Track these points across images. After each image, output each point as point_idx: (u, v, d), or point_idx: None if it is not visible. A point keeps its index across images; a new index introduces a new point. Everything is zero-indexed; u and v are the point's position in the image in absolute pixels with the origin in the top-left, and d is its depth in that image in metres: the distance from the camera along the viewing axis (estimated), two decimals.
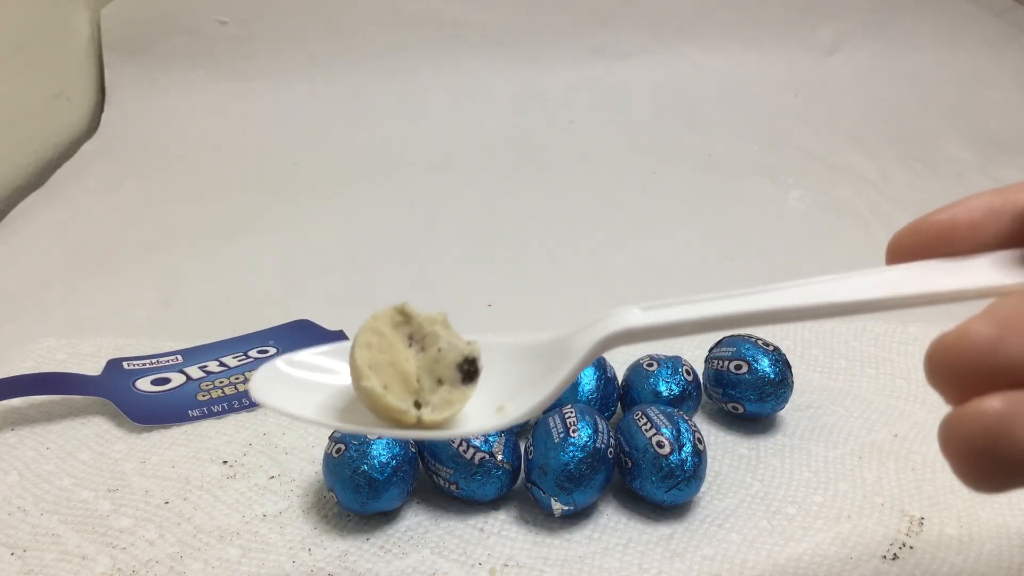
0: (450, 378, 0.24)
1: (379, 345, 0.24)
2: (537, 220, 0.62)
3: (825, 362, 0.43)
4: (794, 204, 0.64)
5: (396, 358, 0.24)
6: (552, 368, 0.24)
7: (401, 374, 0.24)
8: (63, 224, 0.61)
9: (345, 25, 0.81)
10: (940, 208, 0.23)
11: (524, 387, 0.24)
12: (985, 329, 0.18)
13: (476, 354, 0.24)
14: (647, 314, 0.22)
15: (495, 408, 0.24)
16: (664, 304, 0.22)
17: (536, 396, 0.24)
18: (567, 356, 0.24)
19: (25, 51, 0.68)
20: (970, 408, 0.18)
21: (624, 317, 0.22)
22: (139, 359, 0.43)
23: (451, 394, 0.24)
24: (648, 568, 0.31)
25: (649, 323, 0.22)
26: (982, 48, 0.83)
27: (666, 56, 0.83)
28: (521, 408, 0.24)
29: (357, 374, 0.24)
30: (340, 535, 0.33)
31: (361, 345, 0.24)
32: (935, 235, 0.23)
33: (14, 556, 0.32)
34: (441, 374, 0.24)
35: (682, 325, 0.22)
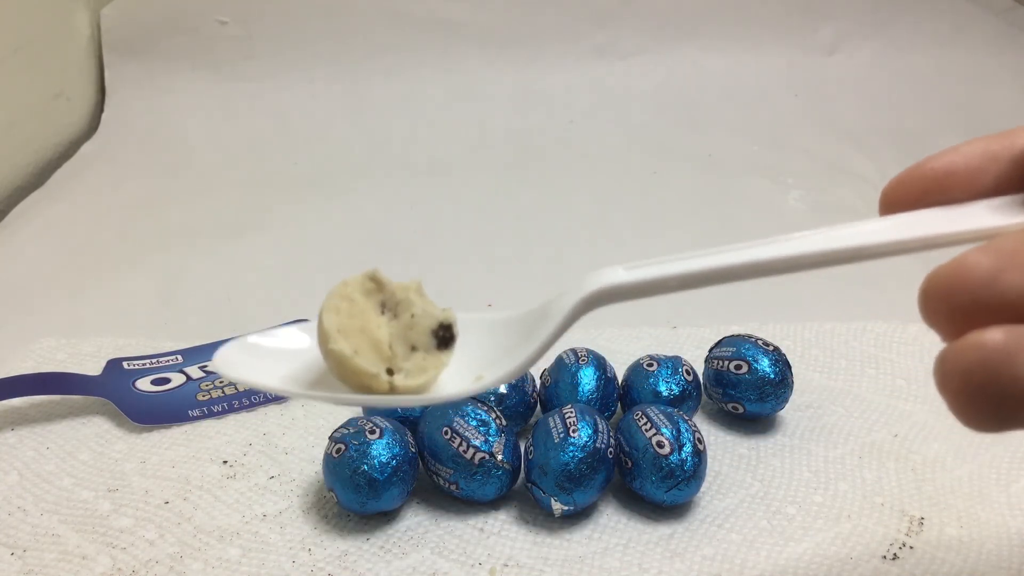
0: (424, 344, 0.23)
1: (349, 310, 0.23)
2: (537, 220, 0.62)
3: (825, 362, 0.43)
4: (794, 204, 0.64)
5: (367, 324, 0.23)
6: (532, 334, 0.23)
7: (372, 340, 0.23)
8: (63, 224, 0.61)
9: (345, 25, 0.81)
10: (934, 155, 0.22)
11: (502, 355, 0.23)
12: (985, 260, 0.17)
13: (452, 320, 0.24)
14: (630, 272, 0.21)
15: (473, 376, 0.23)
16: (648, 262, 0.22)
17: (516, 359, 0.23)
18: (548, 320, 0.23)
19: (25, 51, 0.68)
20: (969, 340, 0.17)
21: (606, 275, 0.22)
22: (139, 359, 0.43)
23: (426, 360, 0.23)
24: (648, 568, 0.31)
25: (632, 279, 0.21)
26: (982, 48, 0.83)
27: (666, 56, 0.83)
28: (500, 372, 0.23)
29: (325, 338, 0.23)
30: (340, 535, 0.33)
31: (329, 309, 0.23)
32: (930, 183, 0.21)
33: (14, 556, 0.32)
34: (415, 341, 0.23)
35: (667, 280, 0.21)
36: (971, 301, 0.17)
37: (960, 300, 0.17)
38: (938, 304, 0.18)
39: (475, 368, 0.24)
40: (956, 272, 0.17)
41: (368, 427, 0.33)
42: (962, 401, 0.17)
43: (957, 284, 0.17)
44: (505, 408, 0.37)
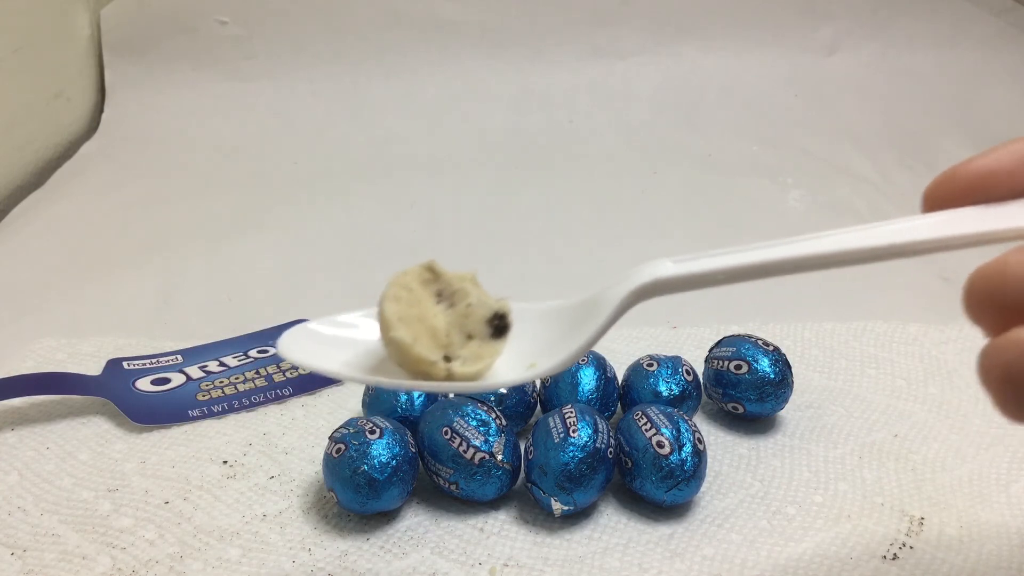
0: (480, 333, 0.24)
1: (407, 299, 0.24)
2: (537, 220, 0.62)
3: (825, 362, 0.43)
4: (794, 204, 0.64)
5: (425, 313, 0.24)
6: (583, 324, 0.24)
7: (430, 329, 0.24)
8: (63, 224, 0.61)
9: (345, 25, 0.81)
10: (975, 156, 0.22)
11: (555, 344, 0.24)
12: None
13: (506, 309, 0.24)
14: (679, 265, 0.22)
15: (526, 365, 0.24)
16: (696, 256, 0.22)
17: (568, 348, 0.23)
18: (598, 310, 0.23)
19: (25, 51, 0.68)
20: (1010, 336, 0.18)
21: (655, 268, 0.22)
22: (139, 359, 0.43)
23: (481, 348, 0.24)
24: (648, 568, 0.31)
25: (681, 273, 0.22)
26: (982, 48, 0.83)
27: (666, 56, 0.83)
28: (553, 360, 0.23)
29: (386, 326, 0.23)
30: (340, 535, 0.33)
31: (389, 298, 0.24)
32: (971, 182, 0.22)
33: (14, 556, 0.32)
34: (471, 329, 0.24)
35: (715, 274, 0.22)
36: (1012, 300, 0.18)
37: (1002, 298, 0.18)
38: (981, 301, 0.19)
39: (528, 356, 0.24)
40: (998, 271, 0.18)
41: (368, 427, 0.33)
42: (1005, 395, 0.18)
43: (999, 283, 0.18)
44: (505, 408, 0.37)
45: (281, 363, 0.43)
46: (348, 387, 0.42)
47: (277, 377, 0.42)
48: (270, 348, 0.45)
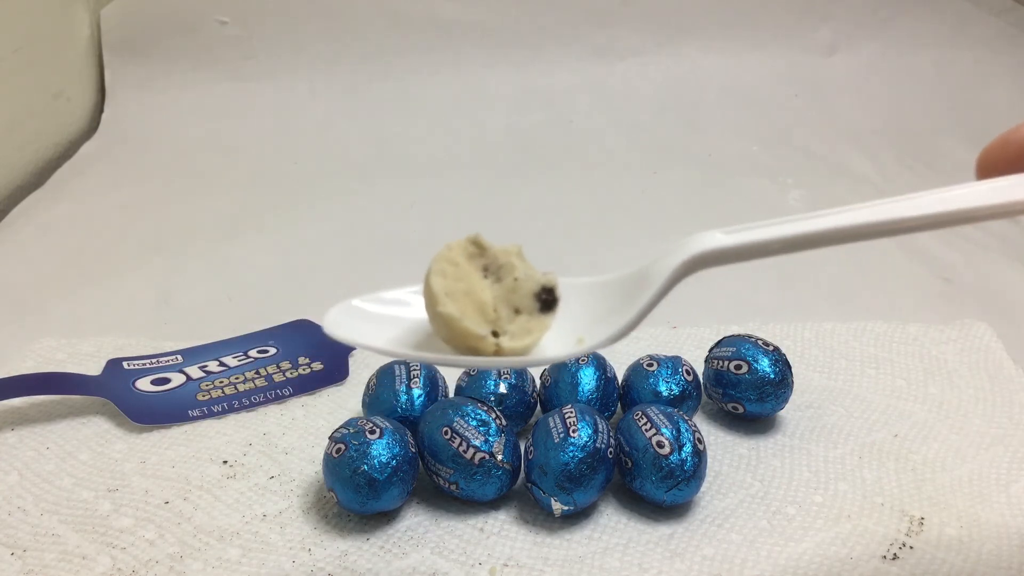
0: (528, 307, 0.24)
1: (454, 274, 0.23)
2: (537, 220, 0.62)
3: (825, 362, 0.43)
4: (794, 204, 0.64)
5: (472, 287, 0.23)
6: (632, 297, 0.23)
7: (477, 303, 0.23)
8: (63, 224, 0.61)
9: (345, 25, 0.81)
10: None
11: (603, 319, 0.24)
12: None
13: (554, 283, 0.24)
14: (731, 236, 0.22)
15: (575, 340, 0.24)
16: (746, 227, 0.22)
17: (618, 322, 0.23)
18: (647, 283, 0.23)
19: (25, 51, 0.68)
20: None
21: (707, 239, 0.22)
22: (139, 359, 0.43)
23: (530, 323, 0.23)
24: (648, 568, 0.31)
25: (734, 243, 0.21)
26: (982, 48, 0.83)
27: (666, 56, 0.83)
28: (603, 335, 0.23)
29: (433, 300, 0.23)
30: (340, 535, 0.33)
31: (436, 272, 0.23)
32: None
33: (14, 556, 0.32)
34: (518, 304, 0.24)
35: (768, 244, 0.21)
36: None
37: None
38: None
39: (576, 331, 0.24)
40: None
41: (368, 427, 0.33)
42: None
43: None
44: (505, 408, 0.37)
45: (281, 363, 0.43)
46: (348, 387, 0.42)
47: (277, 377, 0.42)
48: (270, 348, 0.45)
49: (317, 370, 0.43)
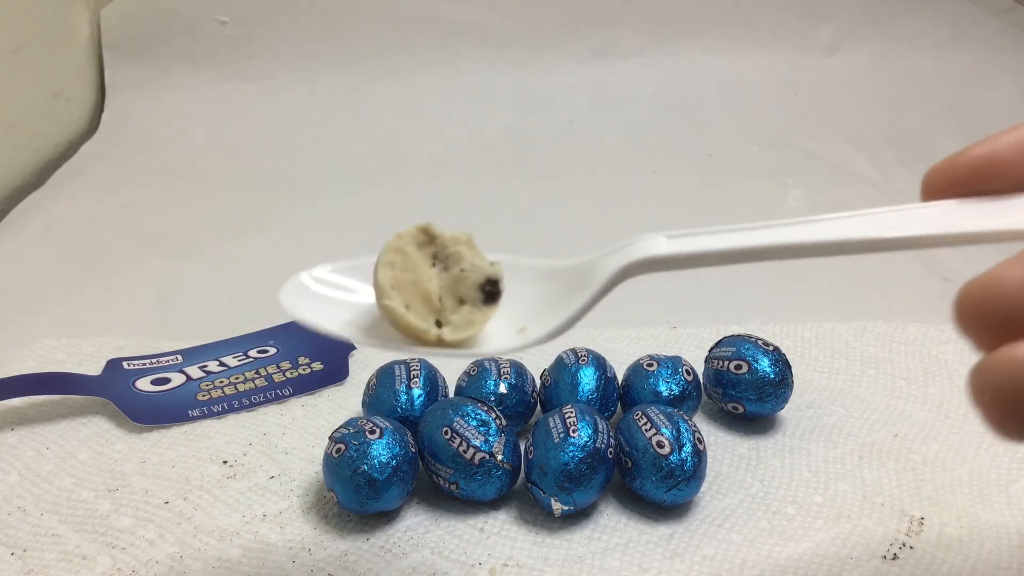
0: (472, 298, 0.24)
1: (402, 264, 0.24)
2: (537, 220, 0.62)
3: (825, 362, 0.43)
4: (794, 204, 0.64)
5: (419, 277, 0.24)
6: (574, 292, 0.24)
7: (423, 293, 0.24)
8: (63, 224, 0.61)
9: (345, 25, 0.81)
10: (978, 142, 0.22)
11: (546, 309, 0.24)
12: (1015, 273, 0.17)
13: (499, 275, 0.24)
14: (672, 242, 0.22)
15: (516, 329, 0.24)
16: (690, 233, 0.22)
17: (556, 318, 0.23)
18: (589, 280, 0.23)
19: (25, 51, 0.68)
20: (1002, 354, 0.17)
21: (648, 244, 0.22)
22: (139, 359, 0.43)
23: (472, 314, 0.24)
24: (648, 568, 0.31)
25: (674, 252, 0.22)
26: (982, 48, 0.83)
27: (666, 56, 0.83)
28: (542, 330, 0.24)
29: (380, 293, 0.24)
30: (340, 535, 0.33)
31: (384, 264, 0.24)
32: (972, 171, 0.21)
33: (14, 556, 0.32)
34: (463, 294, 0.24)
35: (708, 255, 0.21)
36: (1004, 315, 0.17)
37: (993, 314, 0.18)
38: (972, 317, 0.18)
39: (518, 318, 0.25)
40: (988, 286, 0.18)
41: (368, 427, 0.33)
42: (995, 414, 0.17)
43: (989, 298, 0.18)
44: (505, 408, 0.37)
45: (281, 363, 0.43)
46: (348, 387, 0.42)
47: (277, 377, 0.42)
48: (270, 348, 0.45)
49: (317, 370, 0.43)
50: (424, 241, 0.25)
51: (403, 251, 0.24)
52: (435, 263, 0.25)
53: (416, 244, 0.25)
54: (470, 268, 0.24)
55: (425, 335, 0.24)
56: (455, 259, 0.25)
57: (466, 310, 0.24)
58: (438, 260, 0.25)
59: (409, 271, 0.24)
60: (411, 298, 0.24)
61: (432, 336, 0.24)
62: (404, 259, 0.24)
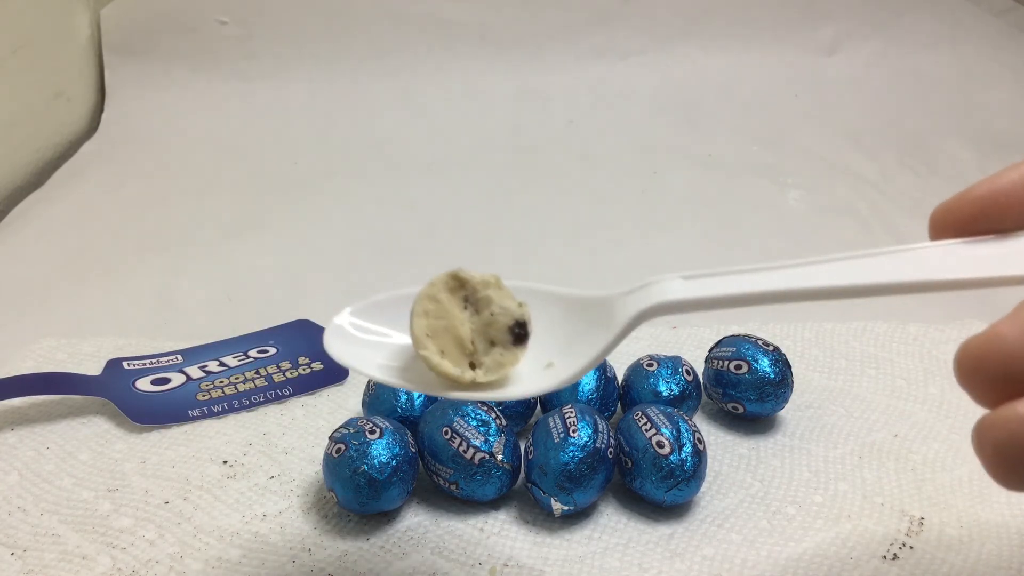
0: (502, 340, 0.26)
1: (435, 312, 0.26)
2: (537, 220, 0.62)
3: (825, 362, 0.43)
4: (794, 204, 0.64)
5: (452, 323, 0.26)
6: (594, 326, 0.25)
7: (456, 338, 0.26)
8: (63, 224, 0.61)
9: (345, 25, 0.81)
10: (983, 180, 0.22)
11: (570, 342, 0.26)
12: (1012, 332, 0.18)
13: (527, 318, 0.26)
14: (688, 285, 0.22)
15: (544, 364, 0.26)
16: (707, 274, 0.22)
17: (580, 358, 0.25)
18: (609, 320, 0.25)
19: (25, 51, 0.68)
20: (1001, 414, 0.18)
21: (665, 288, 0.23)
22: (139, 359, 0.43)
23: (503, 356, 0.26)
24: (648, 568, 0.31)
25: (690, 296, 0.22)
26: (982, 48, 0.83)
27: (666, 56, 0.83)
28: (568, 370, 0.25)
29: (416, 343, 0.25)
30: (340, 535, 0.33)
31: (418, 314, 0.26)
32: (978, 209, 0.22)
33: (14, 556, 0.32)
34: (494, 336, 0.26)
35: (724, 300, 0.22)
36: (1003, 372, 0.18)
37: (992, 372, 0.18)
38: (972, 375, 0.19)
39: (544, 351, 0.26)
40: (986, 345, 0.18)
41: (368, 427, 0.33)
42: (996, 468, 0.18)
43: (988, 356, 0.18)
44: (505, 408, 0.37)
45: (281, 363, 0.43)
46: (348, 387, 0.42)
47: (277, 377, 0.42)
48: (270, 348, 0.45)
49: (317, 370, 0.43)
50: (455, 287, 0.26)
51: (435, 299, 0.26)
52: (466, 306, 0.26)
53: (448, 290, 0.26)
54: (499, 311, 0.26)
55: (460, 379, 0.25)
56: (485, 302, 0.26)
57: (497, 352, 0.26)
58: (469, 303, 0.26)
59: (442, 318, 0.26)
60: (445, 343, 0.26)
61: (467, 380, 0.25)
62: (437, 307, 0.26)
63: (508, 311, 0.26)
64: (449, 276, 0.26)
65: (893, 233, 0.58)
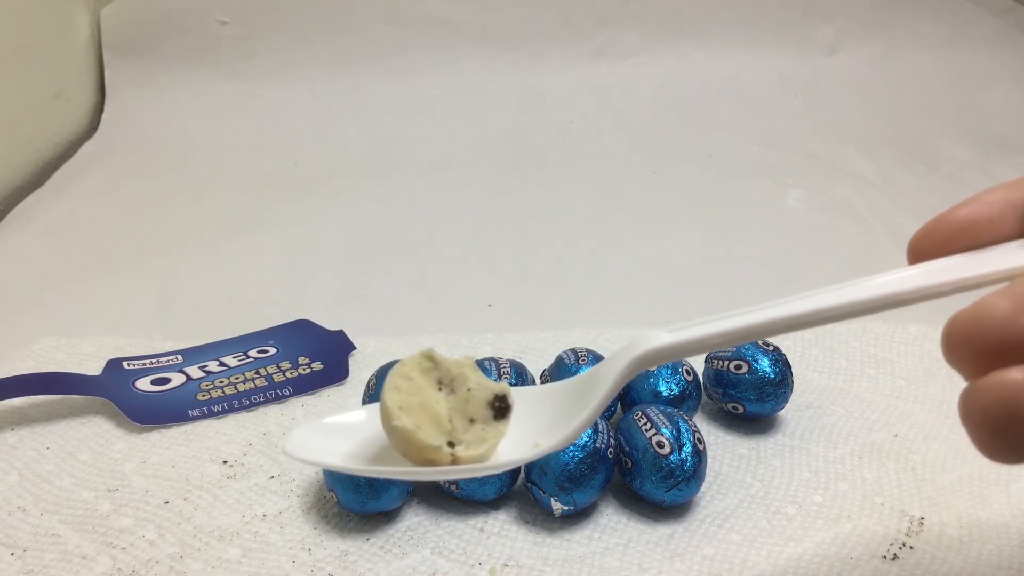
0: (482, 416, 0.24)
1: (408, 388, 0.24)
2: (537, 220, 0.62)
3: (825, 362, 0.43)
4: (794, 204, 0.64)
5: (426, 400, 0.24)
6: (584, 397, 0.24)
7: (432, 416, 0.24)
8: (63, 224, 0.61)
9: (345, 25, 0.81)
10: (956, 205, 0.23)
11: (557, 422, 0.24)
12: (1002, 303, 0.18)
13: (506, 391, 0.24)
14: (674, 334, 0.22)
15: (530, 445, 0.24)
16: (689, 324, 0.22)
17: (570, 425, 0.24)
18: (598, 384, 0.23)
19: (25, 51, 0.68)
20: (990, 380, 0.18)
21: (651, 338, 0.23)
22: (139, 359, 0.43)
23: (484, 431, 0.24)
24: (648, 568, 0.31)
25: (676, 340, 0.22)
26: (982, 48, 0.83)
27: (666, 56, 0.83)
28: (556, 438, 0.24)
29: (388, 415, 0.24)
30: (340, 535, 0.33)
31: (390, 388, 0.24)
32: (954, 232, 0.22)
33: (14, 556, 0.32)
34: (473, 413, 0.24)
35: (709, 339, 0.22)
36: (991, 343, 0.18)
37: (980, 342, 0.18)
38: (960, 346, 0.19)
39: (531, 436, 0.25)
40: (976, 316, 0.18)
41: None
42: (983, 437, 0.18)
43: (977, 327, 0.18)
44: None
45: (281, 363, 0.43)
46: (348, 387, 0.42)
47: (277, 377, 0.42)
48: (270, 348, 0.45)
49: (317, 370, 0.43)
50: (428, 367, 0.25)
51: (408, 376, 0.24)
52: (440, 387, 0.25)
53: (421, 370, 0.25)
54: (477, 387, 0.24)
55: (438, 453, 0.24)
56: (460, 381, 0.25)
57: (478, 428, 0.24)
58: (443, 384, 0.25)
59: (416, 395, 0.24)
60: (421, 420, 0.24)
61: (446, 455, 0.24)
62: (410, 384, 0.24)
63: (486, 387, 0.24)
64: (421, 356, 0.25)
65: (893, 233, 0.58)
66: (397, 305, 0.51)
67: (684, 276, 0.54)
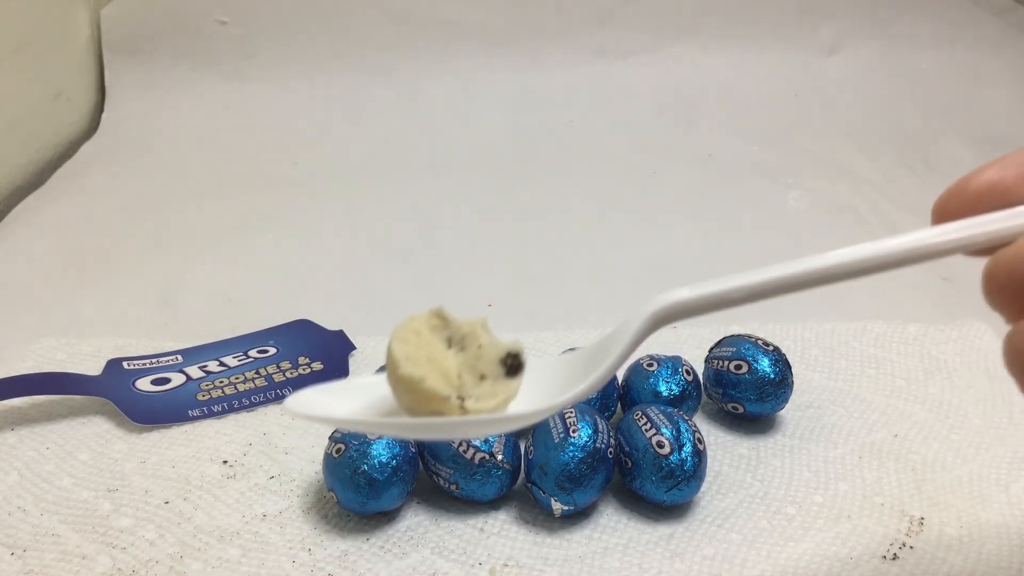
0: (493, 373, 0.23)
1: (416, 342, 0.23)
2: (537, 220, 0.62)
3: (825, 362, 0.43)
4: (794, 204, 0.64)
5: (434, 354, 0.23)
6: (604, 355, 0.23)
7: (441, 369, 0.23)
8: (63, 224, 0.61)
9: (345, 25, 0.81)
10: (983, 166, 0.22)
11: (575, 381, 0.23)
12: None
13: (519, 349, 0.23)
14: (695, 288, 0.22)
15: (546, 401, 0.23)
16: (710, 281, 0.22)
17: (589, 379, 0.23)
18: (616, 342, 0.23)
19: (25, 51, 0.68)
20: None
21: (671, 294, 0.22)
22: (139, 359, 0.43)
23: (495, 387, 0.23)
24: (648, 568, 0.31)
25: (698, 295, 0.22)
26: (982, 48, 0.83)
27: (666, 56, 0.83)
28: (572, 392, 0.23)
29: (394, 365, 0.22)
30: (340, 535, 0.33)
31: (398, 339, 0.23)
32: (982, 192, 0.22)
33: (14, 556, 0.32)
34: (484, 370, 0.23)
35: (731, 293, 0.22)
36: None
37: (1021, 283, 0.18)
38: (1002, 285, 0.18)
39: (547, 398, 0.23)
40: (1019, 254, 0.18)
41: None
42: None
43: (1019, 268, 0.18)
44: None
45: (281, 363, 0.43)
46: None
47: (277, 377, 0.42)
48: (270, 348, 0.45)
49: (317, 370, 0.43)
50: (437, 325, 0.24)
51: (416, 331, 0.23)
52: (450, 345, 0.24)
53: (429, 327, 0.23)
54: (488, 344, 0.23)
55: (446, 404, 0.22)
56: (471, 339, 0.23)
57: (488, 384, 0.23)
58: (452, 343, 0.24)
59: (424, 348, 0.23)
60: (428, 372, 0.22)
61: (454, 405, 0.22)
62: (417, 338, 0.23)
63: (497, 344, 0.23)
64: (431, 314, 0.24)
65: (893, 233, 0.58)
66: (397, 305, 0.51)
67: (684, 276, 0.53)
